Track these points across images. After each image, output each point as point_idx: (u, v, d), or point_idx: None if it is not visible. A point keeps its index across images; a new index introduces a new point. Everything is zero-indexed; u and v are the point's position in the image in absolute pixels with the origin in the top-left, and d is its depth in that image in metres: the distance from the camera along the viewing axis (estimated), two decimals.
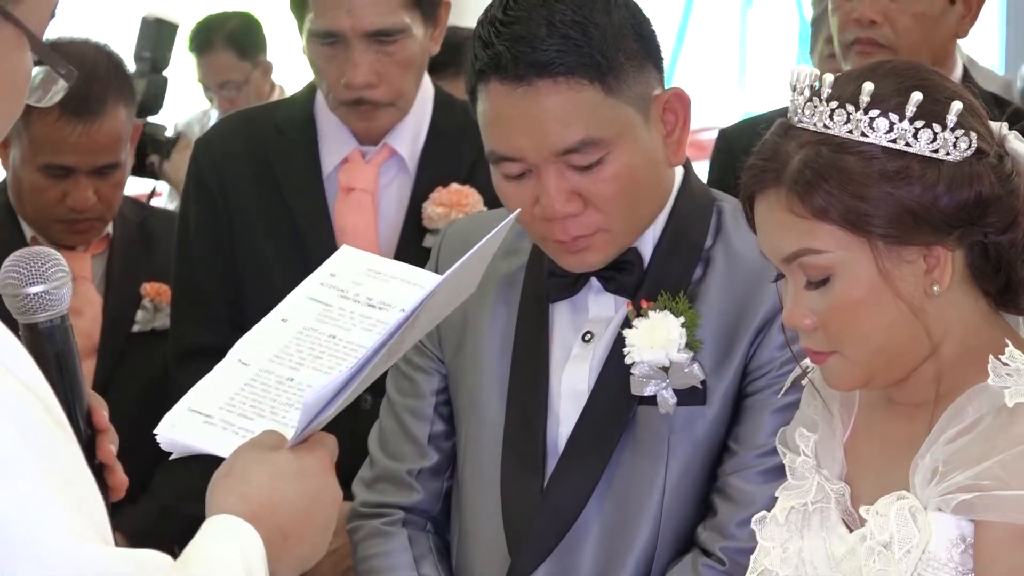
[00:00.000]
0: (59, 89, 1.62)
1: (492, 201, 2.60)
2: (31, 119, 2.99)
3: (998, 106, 2.32)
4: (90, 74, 3.01)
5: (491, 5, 2.26)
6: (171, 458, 1.79)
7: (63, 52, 2.97)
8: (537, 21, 2.19)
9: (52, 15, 1.59)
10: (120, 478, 1.75)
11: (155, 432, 1.76)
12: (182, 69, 6.21)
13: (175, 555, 1.53)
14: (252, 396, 1.75)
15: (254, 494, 1.61)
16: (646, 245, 2.34)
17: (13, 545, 1.35)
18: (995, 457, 1.83)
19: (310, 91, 3.02)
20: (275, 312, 1.85)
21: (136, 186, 5.49)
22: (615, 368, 2.29)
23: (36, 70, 1.58)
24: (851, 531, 1.98)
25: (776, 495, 2.10)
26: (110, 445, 1.73)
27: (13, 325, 1.68)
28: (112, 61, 3.14)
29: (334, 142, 2.99)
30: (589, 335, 2.35)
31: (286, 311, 1.85)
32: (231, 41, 6.06)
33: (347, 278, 1.74)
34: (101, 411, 1.74)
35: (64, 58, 3.01)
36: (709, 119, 6.32)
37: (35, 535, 1.36)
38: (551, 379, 2.35)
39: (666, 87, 2.34)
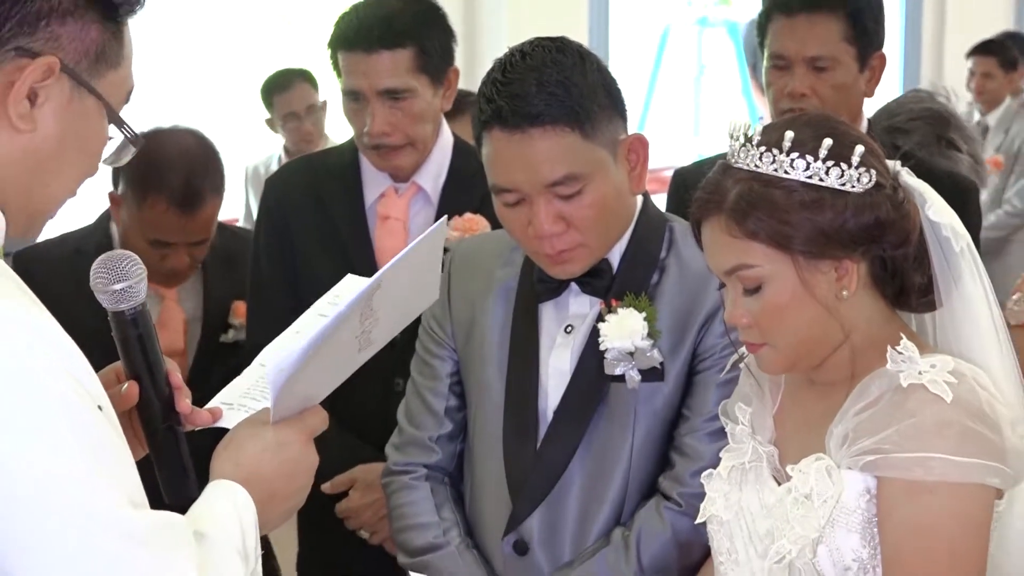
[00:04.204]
0: (129, 154, 1.59)
1: (498, 228, 2.52)
2: (144, 203, 2.91)
3: (895, 150, 2.30)
4: (190, 169, 2.93)
5: (492, 68, 2.22)
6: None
7: (163, 137, 2.91)
8: (529, 81, 2.16)
9: (127, 99, 1.56)
10: (202, 417, 1.73)
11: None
12: (255, 117, 6.17)
13: None
14: (262, 385, 1.73)
15: (246, 463, 1.59)
16: (615, 256, 2.31)
17: (61, 510, 1.34)
18: (893, 427, 1.81)
19: (354, 140, 2.96)
20: (291, 328, 1.82)
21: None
22: (591, 353, 2.26)
23: (113, 141, 1.56)
24: (780, 484, 1.95)
25: (720, 455, 2.08)
26: (185, 399, 1.71)
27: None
28: (207, 151, 3.02)
29: (373, 180, 2.93)
30: (570, 328, 2.32)
31: (299, 326, 1.81)
32: (305, 77, 5.95)
33: (348, 297, 1.67)
34: (175, 373, 1.71)
35: (165, 143, 2.96)
36: (669, 160, 6.30)
37: (80, 503, 1.35)
38: (540, 363, 2.32)
39: (633, 133, 2.29)
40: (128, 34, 1.54)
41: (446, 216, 1.85)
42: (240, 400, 1.75)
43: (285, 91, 5.89)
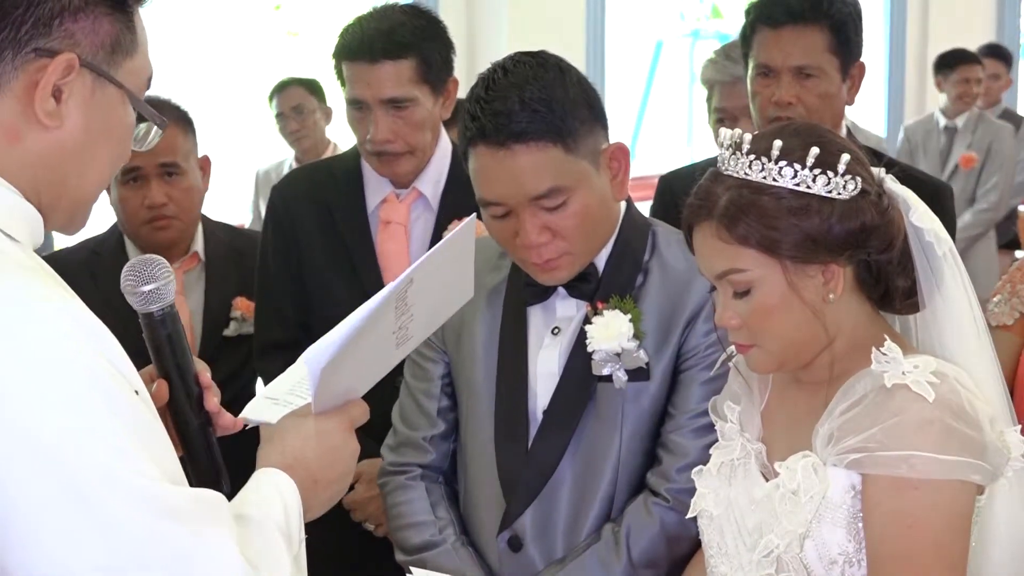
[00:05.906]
0: (155, 136, 1.58)
1: None
2: None
3: (877, 157, 2.30)
4: (158, 106, 2.94)
5: (475, 86, 2.18)
6: (247, 427, 1.76)
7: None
8: (512, 99, 2.11)
9: (148, 85, 1.55)
10: (227, 420, 1.72)
11: (241, 416, 1.75)
12: (266, 124, 6.28)
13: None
14: (306, 383, 1.69)
15: (289, 451, 1.59)
16: (600, 261, 2.27)
17: (96, 484, 1.32)
18: (877, 426, 1.79)
19: (357, 148, 2.94)
20: (335, 328, 1.77)
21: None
22: (579, 355, 2.23)
23: (141, 125, 1.55)
24: (767, 481, 1.93)
25: (710, 452, 2.06)
26: (214, 397, 1.70)
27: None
28: (180, 108, 3.03)
29: (376, 186, 2.91)
30: (557, 330, 2.28)
31: (342, 326, 1.77)
32: (302, 82, 6.20)
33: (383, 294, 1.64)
34: (205, 373, 1.71)
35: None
36: (662, 167, 6.31)
37: (115, 478, 1.32)
38: (529, 365, 2.28)
39: (614, 142, 2.25)
40: (140, 22, 1.53)
41: (475, 214, 1.82)
42: (285, 397, 1.74)
43: (279, 93, 6.17)
